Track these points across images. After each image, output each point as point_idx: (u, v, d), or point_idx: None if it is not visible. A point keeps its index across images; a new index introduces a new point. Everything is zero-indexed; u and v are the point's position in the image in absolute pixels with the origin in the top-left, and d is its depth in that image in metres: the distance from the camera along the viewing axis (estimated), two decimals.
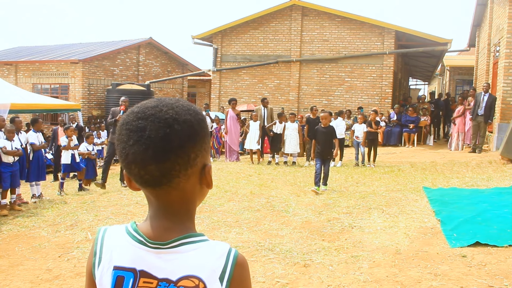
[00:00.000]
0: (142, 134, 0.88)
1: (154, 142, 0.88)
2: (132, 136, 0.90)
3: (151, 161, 0.88)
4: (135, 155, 0.89)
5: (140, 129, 0.89)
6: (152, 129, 0.88)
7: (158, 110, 0.91)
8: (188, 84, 25.92)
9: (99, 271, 0.97)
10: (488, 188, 6.77)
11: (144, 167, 0.89)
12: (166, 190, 0.93)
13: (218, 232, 5.19)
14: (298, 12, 17.29)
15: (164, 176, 0.90)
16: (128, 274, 0.94)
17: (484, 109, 11.44)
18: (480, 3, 15.10)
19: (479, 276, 3.63)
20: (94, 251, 0.99)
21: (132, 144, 0.89)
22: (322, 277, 3.79)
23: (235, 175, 9.27)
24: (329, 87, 17.16)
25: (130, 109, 0.96)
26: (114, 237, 0.99)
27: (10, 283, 3.93)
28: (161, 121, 0.89)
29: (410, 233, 4.82)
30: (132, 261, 0.94)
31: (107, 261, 0.97)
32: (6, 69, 21.09)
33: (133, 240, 0.96)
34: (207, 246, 0.95)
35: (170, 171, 0.90)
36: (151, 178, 0.90)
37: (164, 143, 0.88)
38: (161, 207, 0.96)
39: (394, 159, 11.72)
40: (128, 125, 0.92)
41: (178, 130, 0.89)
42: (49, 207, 6.93)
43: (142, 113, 0.91)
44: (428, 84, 37.45)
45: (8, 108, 9.94)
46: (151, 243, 0.94)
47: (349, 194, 7.10)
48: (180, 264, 0.92)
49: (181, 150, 0.89)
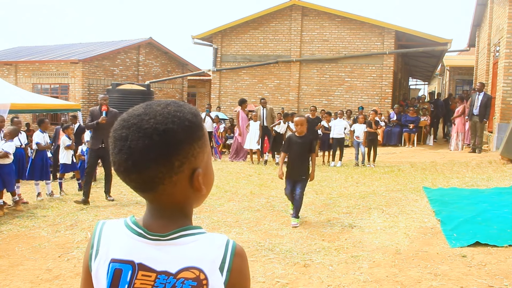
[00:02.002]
0: (124, 144, 0.90)
1: (134, 152, 0.89)
2: (117, 145, 0.91)
3: (133, 170, 0.90)
4: (119, 164, 0.91)
5: (123, 138, 0.91)
6: (133, 139, 0.89)
7: (140, 119, 0.91)
8: (188, 84, 25.91)
9: (95, 264, 0.97)
10: (488, 188, 6.77)
11: (127, 175, 0.92)
12: (154, 195, 0.94)
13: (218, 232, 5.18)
14: (298, 12, 17.29)
15: (147, 184, 0.91)
16: (126, 267, 0.93)
17: (479, 109, 11.46)
18: (480, 3, 15.10)
19: (479, 276, 3.63)
20: (92, 244, 0.99)
21: (116, 153, 0.91)
22: (322, 277, 3.79)
23: (235, 175, 9.27)
24: (329, 87, 17.15)
25: (122, 115, 0.97)
26: (112, 230, 0.99)
27: (10, 283, 3.93)
28: (141, 131, 0.89)
29: (410, 233, 4.82)
30: (130, 253, 0.94)
31: (104, 253, 0.97)
32: (6, 69, 21.08)
33: (132, 233, 0.96)
34: (206, 237, 0.96)
35: (153, 179, 0.90)
36: (136, 185, 0.93)
37: (143, 154, 0.89)
38: (156, 209, 0.97)
39: (394, 159, 11.72)
40: (114, 132, 0.93)
41: (157, 141, 0.89)
42: (49, 207, 6.93)
43: (126, 121, 0.92)
44: (428, 84, 37.44)
45: (8, 108, 9.93)
46: (151, 234, 0.94)
47: (349, 194, 7.10)
48: (179, 256, 0.93)
49: (162, 160, 0.89)
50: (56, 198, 7.79)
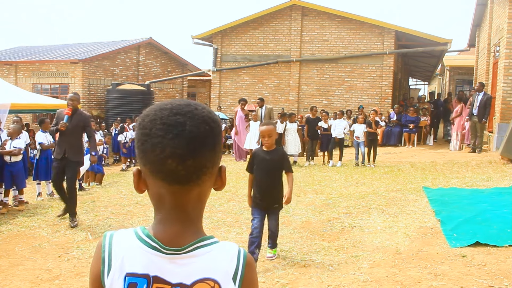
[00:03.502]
0: (183, 129, 0.89)
1: (195, 137, 0.89)
2: (171, 130, 0.89)
3: (190, 156, 0.89)
4: (175, 149, 0.88)
5: (180, 124, 0.89)
6: (192, 124, 0.90)
7: (194, 108, 0.93)
8: (188, 84, 25.90)
9: (109, 279, 0.95)
10: (488, 188, 6.77)
11: (182, 161, 0.89)
12: (190, 188, 0.93)
13: (218, 232, 5.19)
14: (298, 12, 17.29)
15: (196, 172, 0.91)
16: (141, 281, 0.92)
17: (478, 109, 11.45)
18: (480, 3, 15.09)
19: (479, 276, 3.63)
20: (102, 258, 0.96)
21: (171, 138, 0.88)
22: (322, 277, 3.79)
23: (235, 175, 9.27)
24: (329, 87, 17.15)
25: (156, 105, 0.95)
26: (124, 243, 0.96)
27: (10, 283, 3.93)
28: (199, 118, 0.91)
29: (410, 233, 4.82)
30: (145, 267, 0.92)
31: (117, 268, 0.94)
32: (6, 69, 21.08)
33: (146, 246, 0.94)
34: (219, 248, 0.96)
35: (202, 167, 0.92)
36: (186, 173, 0.90)
37: (203, 139, 0.90)
38: (177, 207, 0.94)
39: (394, 159, 11.72)
40: (164, 119, 0.90)
41: (214, 128, 0.93)
42: (49, 207, 6.94)
43: (178, 109, 0.92)
44: (428, 84, 37.44)
45: (8, 108, 9.93)
46: (166, 249, 0.93)
47: (349, 194, 7.10)
48: (195, 268, 0.92)
49: (214, 148, 0.93)
50: (56, 198, 7.80)
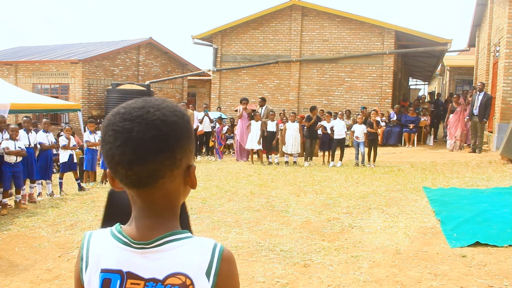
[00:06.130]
0: (129, 136, 0.89)
1: (141, 143, 0.88)
2: (119, 137, 0.90)
3: (138, 162, 0.89)
4: (122, 156, 0.89)
5: (126, 131, 0.89)
6: (139, 130, 0.89)
7: (145, 111, 0.91)
8: (188, 84, 25.91)
9: (86, 275, 0.98)
10: (488, 188, 6.77)
11: (130, 168, 0.90)
12: (151, 191, 0.93)
13: (218, 232, 5.18)
14: (298, 12, 17.28)
15: (150, 177, 0.91)
16: (115, 276, 0.94)
17: (479, 109, 11.45)
18: (480, 3, 15.09)
19: (479, 276, 3.63)
20: (81, 256, 0.99)
21: (119, 145, 0.89)
22: (322, 277, 3.79)
23: (235, 175, 9.27)
24: (329, 87, 17.15)
25: (117, 107, 0.96)
26: (100, 241, 0.99)
27: (10, 283, 3.93)
28: (148, 122, 0.89)
29: (410, 233, 4.82)
30: (118, 263, 0.94)
31: (94, 264, 0.97)
32: (6, 69, 21.08)
33: (118, 242, 0.96)
34: (192, 242, 0.95)
35: (156, 172, 0.91)
36: (137, 178, 0.91)
37: (151, 145, 0.89)
38: (146, 207, 0.96)
39: (394, 159, 11.72)
40: (114, 126, 0.91)
41: (166, 132, 0.90)
42: (49, 207, 6.94)
43: (128, 114, 0.91)
44: (428, 84, 37.44)
45: (8, 108, 9.93)
46: (135, 243, 0.94)
47: (349, 194, 7.10)
48: (165, 263, 0.93)
49: (168, 152, 0.90)
50: (56, 198, 7.80)
